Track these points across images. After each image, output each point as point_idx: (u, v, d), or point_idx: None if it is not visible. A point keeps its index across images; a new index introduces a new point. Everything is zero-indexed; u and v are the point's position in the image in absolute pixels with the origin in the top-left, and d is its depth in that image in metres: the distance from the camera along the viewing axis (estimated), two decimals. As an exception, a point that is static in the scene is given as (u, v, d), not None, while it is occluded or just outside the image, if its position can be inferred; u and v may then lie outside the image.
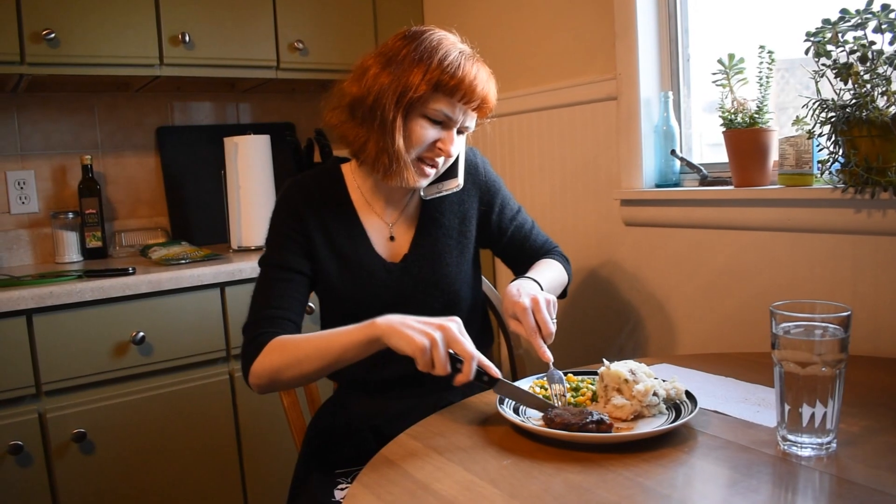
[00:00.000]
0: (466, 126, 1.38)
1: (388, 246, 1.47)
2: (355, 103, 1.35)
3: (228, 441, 2.16)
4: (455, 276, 1.48)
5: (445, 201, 1.51)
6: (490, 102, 1.37)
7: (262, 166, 2.46)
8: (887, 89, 1.40)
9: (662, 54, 2.01)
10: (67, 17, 2.13)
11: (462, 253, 1.51)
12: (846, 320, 0.97)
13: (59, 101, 2.51)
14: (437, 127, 1.34)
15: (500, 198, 1.57)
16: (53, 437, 1.89)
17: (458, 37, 1.39)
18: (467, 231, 1.52)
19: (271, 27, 2.48)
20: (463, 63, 1.31)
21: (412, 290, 1.44)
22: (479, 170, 1.56)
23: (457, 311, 1.48)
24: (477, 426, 1.17)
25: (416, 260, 1.46)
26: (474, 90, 1.32)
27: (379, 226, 1.48)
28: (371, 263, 1.43)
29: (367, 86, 1.33)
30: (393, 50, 1.34)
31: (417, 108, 1.32)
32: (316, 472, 1.40)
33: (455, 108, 1.33)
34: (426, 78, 1.29)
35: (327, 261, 1.42)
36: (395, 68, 1.31)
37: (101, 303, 1.94)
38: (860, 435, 1.05)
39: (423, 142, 1.33)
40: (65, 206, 2.50)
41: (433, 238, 1.48)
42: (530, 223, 1.62)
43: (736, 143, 1.71)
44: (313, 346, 1.24)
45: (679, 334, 1.96)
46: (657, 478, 0.94)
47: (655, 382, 1.14)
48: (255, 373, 1.29)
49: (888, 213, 1.46)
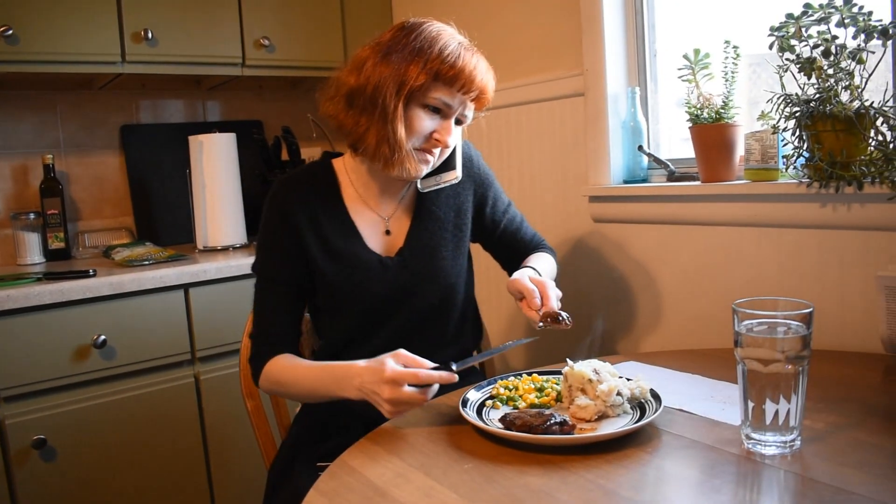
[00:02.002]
0: (465, 116, 1.39)
1: (384, 240, 1.46)
2: (354, 93, 1.34)
3: (195, 444, 2.12)
4: (451, 269, 1.47)
5: (441, 194, 1.50)
6: (488, 94, 1.38)
7: (228, 165, 2.42)
8: (850, 84, 1.40)
9: (629, 49, 2.00)
10: (26, 14, 2.08)
11: (458, 246, 1.50)
12: (808, 317, 0.96)
13: (20, 98, 2.45)
14: (435, 117, 1.35)
15: (493, 190, 1.58)
16: (12, 444, 1.85)
17: (455, 28, 1.40)
18: (463, 224, 1.52)
19: (236, 23, 2.44)
20: (462, 53, 1.32)
21: (409, 284, 1.43)
22: (474, 162, 1.56)
23: (452, 305, 1.49)
24: (440, 428, 1.16)
25: (413, 253, 1.45)
26: (473, 80, 1.33)
27: (374, 220, 1.46)
28: (366, 259, 1.42)
29: (367, 76, 1.32)
30: (392, 41, 1.34)
31: (417, 97, 1.32)
32: (297, 464, 1.39)
33: (454, 97, 1.33)
34: (426, 68, 1.30)
35: (321, 259, 1.40)
36: (395, 58, 1.31)
37: (60, 306, 1.90)
38: (825, 431, 1.04)
39: (422, 131, 1.34)
40: (26, 207, 2.44)
41: (429, 231, 1.47)
42: (520, 217, 1.63)
43: (702, 139, 1.70)
44: (300, 388, 1.34)
45: (647, 331, 1.96)
46: (619, 480, 0.93)
47: (619, 382, 1.13)
48: (263, 387, 1.42)
49: (853, 207, 1.46)
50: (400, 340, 1.41)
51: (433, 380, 1.13)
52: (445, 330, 1.49)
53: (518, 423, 1.07)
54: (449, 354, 1.47)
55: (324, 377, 1.28)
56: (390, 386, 1.12)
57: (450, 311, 1.49)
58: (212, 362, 2.15)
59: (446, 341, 1.50)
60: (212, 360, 2.15)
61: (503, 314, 2.37)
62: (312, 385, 1.30)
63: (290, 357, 1.38)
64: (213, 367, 2.15)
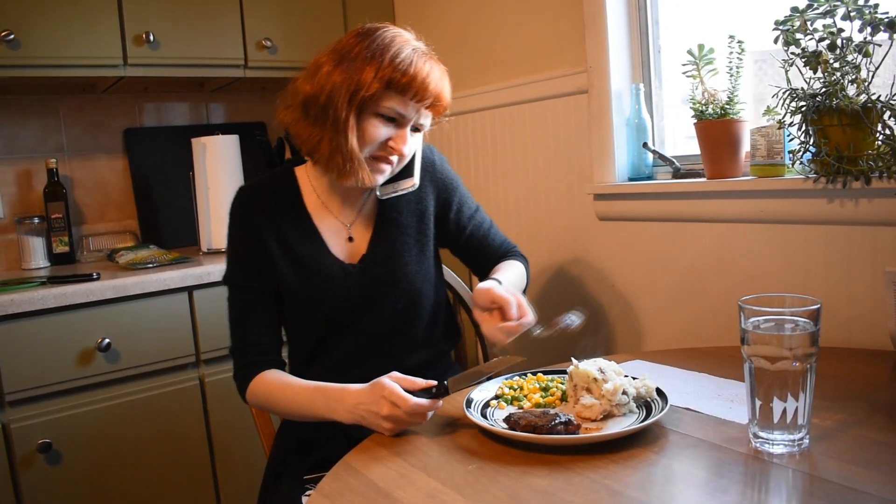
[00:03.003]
0: (421, 124, 1.36)
1: (347, 247, 1.45)
2: (308, 102, 1.32)
3: (200, 447, 2.12)
4: (415, 274, 1.45)
5: (402, 200, 1.48)
6: (444, 100, 1.35)
7: (231, 167, 2.42)
8: (857, 77, 1.38)
9: (633, 46, 1.99)
10: (27, 18, 2.07)
11: (422, 251, 1.48)
12: (816, 314, 0.95)
13: (23, 103, 2.45)
14: (389, 125, 1.32)
15: (458, 196, 1.56)
16: (18, 447, 1.84)
17: (413, 34, 1.37)
18: (426, 229, 1.50)
19: (238, 25, 2.43)
20: (415, 60, 1.29)
21: (372, 290, 1.42)
22: (437, 167, 1.54)
23: (419, 310, 1.47)
24: (444, 429, 1.15)
25: (375, 260, 1.43)
26: (426, 88, 1.29)
27: (336, 227, 1.45)
28: (329, 266, 1.40)
29: (320, 84, 1.30)
30: (346, 47, 1.32)
31: (370, 106, 1.29)
32: (285, 478, 1.38)
33: (408, 106, 1.30)
34: (378, 76, 1.27)
35: (285, 267, 1.39)
36: (348, 66, 1.29)
37: (65, 309, 1.89)
38: (833, 429, 1.03)
39: (376, 140, 1.31)
40: (30, 211, 2.44)
41: (391, 237, 1.45)
42: (488, 222, 1.61)
43: (707, 135, 1.69)
44: (289, 407, 1.31)
45: (652, 329, 1.94)
46: (625, 480, 0.92)
47: (625, 380, 1.12)
48: (250, 402, 1.40)
49: (860, 202, 1.44)
50: (367, 346, 1.42)
51: (420, 408, 1.11)
52: (414, 334, 1.47)
53: (522, 423, 1.06)
54: (420, 358, 1.47)
55: (315, 398, 1.26)
56: (389, 404, 1.11)
57: (417, 316, 1.47)
58: (217, 364, 2.14)
59: (417, 345, 1.48)
60: (217, 362, 2.15)
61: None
62: (302, 405, 1.28)
63: (278, 373, 1.36)
64: (218, 370, 2.14)
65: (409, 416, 1.11)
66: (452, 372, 1.51)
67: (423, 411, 1.11)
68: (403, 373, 1.17)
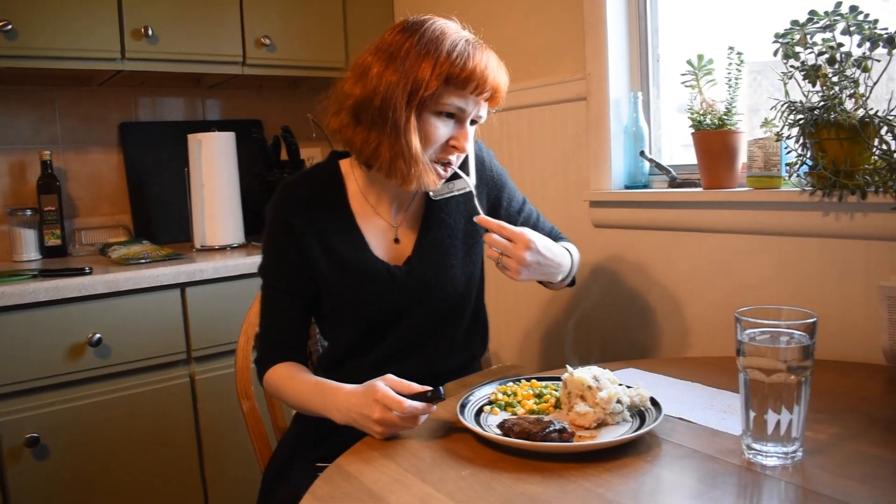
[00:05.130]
0: (479, 117, 1.31)
1: (392, 248, 1.41)
2: (361, 106, 1.26)
3: (189, 444, 2.11)
4: (460, 278, 1.42)
5: (452, 200, 1.44)
6: (502, 91, 1.30)
7: (226, 164, 2.41)
8: (855, 92, 1.39)
9: (632, 54, 2.00)
10: (26, 9, 2.06)
11: (468, 254, 1.45)
12: (812, 326, 0.95)
13: (18, 94, 2.44)
14: (449, 123, 1.27)
15: (507, 191, 1.52)
16: (5, 441, 1.83)
17: (458, 23, 1.31)
18: (474, 231, 1.45)
19: (237, 22, 2.43)
20: (472, 52, 1.24)
21: (416, 293, 1.38)
22: (486, 164, 1.50)
23: (461, 314, 1.44)
24: (437, 434, 1.14)
25: (421, 262, 1.39)
26: (486, 80, 1.25)
27: (382, 227, 1.41)
28: (373, 268, 1.37)
29: (373, 86, 1.24)
30: (394, 45, 1.25)
31: (429, 105, 1.24)
32: (298, 463, 1.37)
33: (467, 100, 1.26)
34: (436, 72, 1.21)
35: (326, 268, 1.36)
36: (401, 64, 1.22)
37: (56, 303, 1.88)
38: (827, 443, 1.03)
39: (438, 141, 1.27)
40: (23, 203, 2.43)
41: (438, 239, 1.42)
42: (536, 213, 1.58)
43: (704, 145, 1.69)
44: (294, 400, 1.33)
45: (647, 338, 1.95)
46: (618, 489, 0.92)
47: (619, 389, 1.12)
48: (266, 389, 1.42)
49: (856, 216, 1.45)
50: (403, 348, 1.40)
51: (415, 412, 1.10)
52: (453, 338, 1.45)
53: (516, 430, 1.05)
54: (456, 363, 1.45)
55: (314, 395, 1.26)
56: (381, 407, 1.10)
57: (458, 319, 1.45)
58: (208, 362, 2.14)
59: (454, 350, 1.46)
60: (208, 360, 2.14)
61: (521, 321, 2.36)
62: (304, 399, 1.29)
63: (292, 367, 1.36)
64: (209, 368, 2.13)
65: (401, 420, 1.10)
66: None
67: (417, 415, 1.10)
68: (435, 377, 1.17)
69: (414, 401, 1.10)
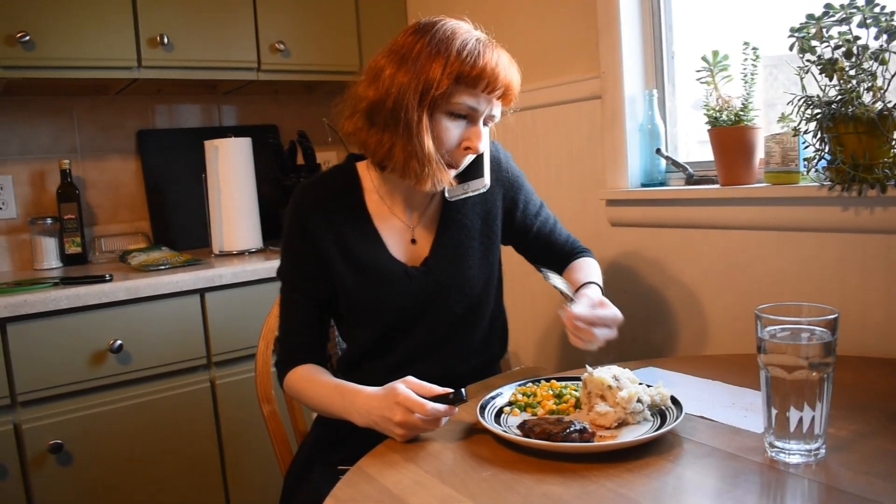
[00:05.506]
0: (493, 115, 1.31)
1: (409, 249, 1.42)
2: (374, 108, 1.27)
3: (210, 449, 2.12)
4: (478, 278, 1.43)
5: (468, 201, 1.44)
6: (514, 89, 1.30)
7: (243, 169, 2.42)
8: (873, 85, 1.38)
9: (646, 51, 1.99)
10: (42, 20, 2.09)
11: (486, 255, 1.45)
12: (833, 323, 0.94)
13: (37, 104, 2.47)
14: (462, 122, 1.28)
15: (524, 193, 1.52)
16: (30, 448, 1.85)
17: (470, 24, 1.32)
18: (491, 232, 1.46)
19: (252, 28, 2.44)
20: (482, 51, 1.24)
21: (434, 294, 1.39)
22: (503, 165, 1.50)
23: (479, 315, 1.45)
24: (458, 436, 1.14)
25: (438, 263, 1.40)
26: (497, 77, 1.25)
27: (399, 229, 1.42)
28: (390, 269, 1.38)
29: (385, 87, 1.25)
30: (406, 46, 1.26)
31: (441, 105, 1.24)
32: (318, 465, 1.38)
33: (479, 99, 1.26)
34: (447, 72, 1.22)
35: (344, 270, 1.37)
36: (412, 65, 1.23)
37: (77, 311, 1.90)
38: (850, 439, 1.02)
39: (450, 141, 1.28)
40: (43, 212, 2.46)
41: (455, 240, 1.42)
42: (553, 219, 1.57)
43: (721, 142, 1.68)
44: (315, 403, 1.33)
45: (665, 337, 1.94)
46: (640, 489, 0.92)
47: (639, 388, 1.11)
48: (286, 391, 1.42)
49: (875, 210, 1.44)
50: (422, 350, 1.40)
51: (438, 414, 1.10)
52: (471, 340, 1.45)
53: (537, 431, 1.05)
54: (474, 365, 1.45)
55: (334, 397, 1.26)
56: (402, 410, 1.10)
57: (476, 321, 1.45)
58: (228, 367, 2.15)
59: (472, 351, 1.46)
60: (228, 364, 2.15)
61: (540, 321, 2.36)
62: (324, 402, 1.30)
63: (313, 369, 1.37)
64: (229, 372, 2.14)
65: (423, 423, 1.10)
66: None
67: (439, 417, 1.10)
68: (455, 378, 1.17)
69: (435, 403, 1.11)
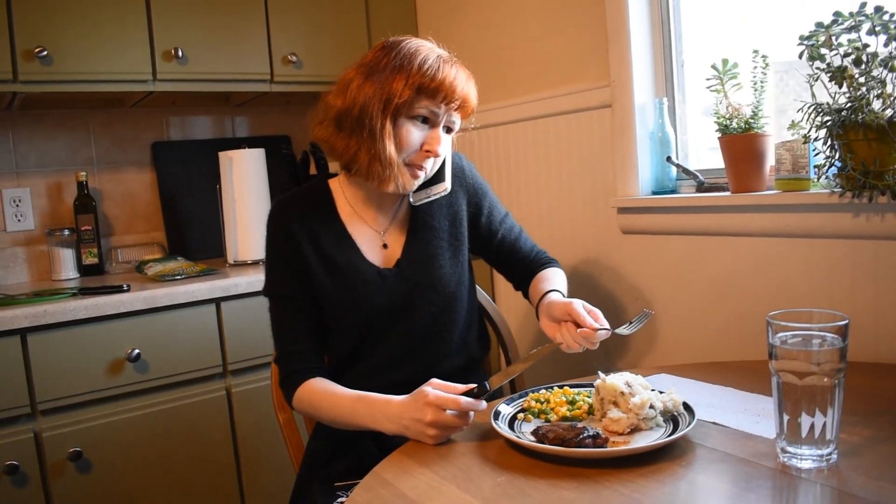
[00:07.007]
0: (452, 122, 1.40)
1: (382, 253, 1.48)
2: (342, 115, 1.37)
3: (226, 457, 2.14)
4: (450, 277, 1.48)
5: (435, 205, 1.52)
6: (471, 103, 1.40)
7: (257, 180, 2.45)
8: (882, 92, 1.39)
9: (656, 60, 2.00)
10: (59, 35, 2.12)
11: (455, 255, 1.51)
12: (844, 329, 0.95)
13: (54, 118, 2.51)
14: (423, 127, 1.37)
15: (488, 200, 1.59)
16: (49, 456, 1.87)
17: (434, 43, 1.43)
18: (458, 233, 1.53)
19: (264, 40, 2.47)
20: (441, 66, 1.35)
21: (408, 294, 1.44)
22: (466, 173, 1.58)
23: (453, 314, 1.49)
24: (472, 442, 1.16)
25: (410, 262, 1.46)
26: (454, 90, 1.35)
27: (370, 235, 1.48)
28: (365, 271, 1.43)
29: (353, 97, 1.35)
30: (373, 61, 1.37)
31: (403, 112, 1.34)
32: (317, 484, 1.40)
33: (439, 108, 1.36)
34: (409, 83, 1.32)
35: (322, 274, 1.42)
36: (378, 77, 1.34)
37: (95, 320, 1.93)
38: (862, 445, 1.03)
39: (412, 144, 1.36)
40: (60, 223, 2.49)
41: (425, 241, 1.49)
42: (518, 228, 1.64)
43: (732, 149, 1.69)
44: (334, 415, 1.34)
45: (677, 343, 1.94)
46: (654, 494, 0.93)
47: (652, 394, 1.13)
48: (297, 409, 1.43)
49: (886, 216, 1.44)
50: (403, 351, 1.45)
51: (472, 407, 1.15)
52: (449, 339, 1.49)
53: (551, 437, 1.07)
54: (455, 364, 1.50)
55: (358, 408, 1.28)
56: (433, 409, 1.14)
57: (452, 320, 1.49)
58: (243, 375, 2.17)
59: (451, 351, 1.50)
60: (243, 373, 2.17)
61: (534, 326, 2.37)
62: (345, 413, 1.31)
63: (323, 382, 1.39)
64: (245, 380, 2.16)
65: (454, 419, 1.14)
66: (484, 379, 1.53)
67: (472, 409, 1.15)
68: (438, 378, 1.20)
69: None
